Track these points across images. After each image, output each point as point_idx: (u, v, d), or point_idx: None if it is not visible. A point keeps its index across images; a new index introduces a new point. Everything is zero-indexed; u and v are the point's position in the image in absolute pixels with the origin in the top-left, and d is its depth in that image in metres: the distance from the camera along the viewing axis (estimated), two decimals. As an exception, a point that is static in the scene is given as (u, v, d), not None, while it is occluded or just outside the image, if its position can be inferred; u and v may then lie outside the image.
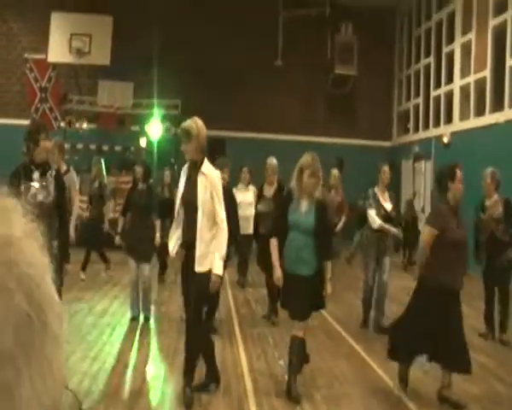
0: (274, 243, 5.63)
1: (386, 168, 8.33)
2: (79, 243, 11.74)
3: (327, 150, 16.75)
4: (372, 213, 8.24)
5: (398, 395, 5.77)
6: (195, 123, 5.46)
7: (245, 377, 6.17)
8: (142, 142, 17.39)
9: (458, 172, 5.59)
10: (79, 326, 7.88)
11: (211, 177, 5.34)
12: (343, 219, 10.39)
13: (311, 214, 5.51)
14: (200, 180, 5.29)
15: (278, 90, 18.89)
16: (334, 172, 10.91)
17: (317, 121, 19.24)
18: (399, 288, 9.76)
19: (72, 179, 8.93)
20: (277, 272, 5.51)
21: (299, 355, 5.54)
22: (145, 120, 17.27)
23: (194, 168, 5.38)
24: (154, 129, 17.28)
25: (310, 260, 5.45)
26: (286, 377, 5.68)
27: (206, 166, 5.40)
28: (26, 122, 16.18)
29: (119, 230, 8.70)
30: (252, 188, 10.68)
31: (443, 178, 5.64)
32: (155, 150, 17.01)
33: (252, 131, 18.70)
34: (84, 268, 11.07)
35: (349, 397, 5.69)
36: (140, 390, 5.69)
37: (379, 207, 8.25)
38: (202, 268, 5.22)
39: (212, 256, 5.22)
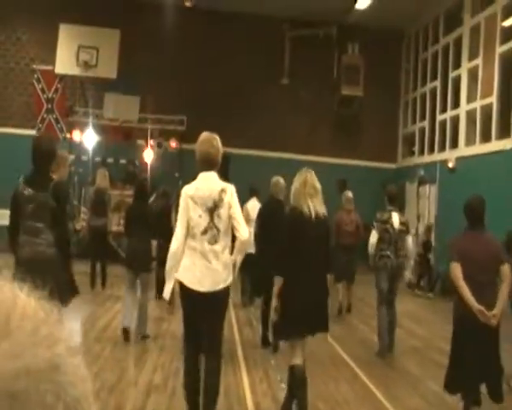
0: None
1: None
2: (83, 254, 11.80)
3: (331, 171, 16.81)
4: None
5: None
6: (217, 148, 5.21)
7: (247, 400, 6.13)
8: (147, 156, 17.41)
9: None
10: (83, 340, 7.83)
11: None
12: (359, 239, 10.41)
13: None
14: None
15: (284, 108, 18.93)
16: (348, 194, 10.92)
17: (322, 141, 19.26)
18: (403, 313, 9.74)
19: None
20: None
21: (305, 385, 5.36)
22: (151, 134, 17.30)
23: None
24: (159, 144, 17.31)
25: None
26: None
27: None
28: (31, 132, 16.30)
29: (124, 248, 8.79)
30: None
31: None
32: (160, 165, 17.04)
33: (256, 149, 18.71)
34: (103, 283, 11.17)
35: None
36: (143, 409, 5.64)
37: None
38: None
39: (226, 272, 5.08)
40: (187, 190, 5.12)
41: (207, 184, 5.11)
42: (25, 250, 5.23)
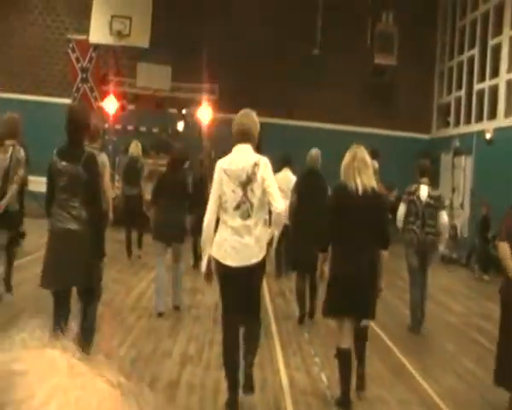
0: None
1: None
2: (118, 222, 11.94)
3: (363, 141, 16.58)
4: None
5: (435, 400, 5.71)
6: (254, 122, 5.14)
7: (281, 373, 6.16)
8: (180, 125, 17.43)
9: None
10: (118, 309, 7.94)
11: None
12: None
13: None
14: None
15: (316, 78, 18.70)
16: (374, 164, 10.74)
17: (354, 111, 19.02)
18: (438, 288, 9.66)
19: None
20: None
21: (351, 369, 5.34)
22: (183, 103, 17.30)
23: None
24: (192, 113, 17.32)
25: None
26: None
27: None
28: (67, 101, 16.44)
29: (152, 218, 8.63)
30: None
31: None
32: (192, 134, 17.05)
33: (288, 119, 18.59)
34: (140, 246, 11.35)
35: (384, 401, 5.65)
36: (178, 381, 5.71)
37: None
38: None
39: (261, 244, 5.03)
40: (221, 164, 5.05)
41: (241, 157, 5.01)
42: (57, 223, 5.19)
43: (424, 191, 8.05)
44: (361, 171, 5.22)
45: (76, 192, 5.11)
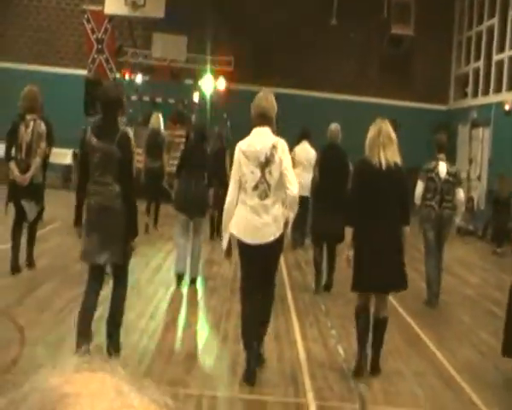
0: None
1: None
2: (140, 194, 12.04)
3: (380, 112, 16.47)
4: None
5: (451, 372, 5.74)
6: (272, 105, 5.24)
7: (298, 345, 6.21)
8: (195, 96, 17.38)
9: None
10: (137, 282, 8.00)
11: None
12: None
13: None
14: None
15: (332, 49, 18.52)
16: None
17: (370, 82, 18.85)
18: (454, 260, 9.65)
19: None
20: None
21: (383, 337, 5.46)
22: (198, 74, 17.24)
23: None
24: (207, 84, 17.26)
25: None
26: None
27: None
28: (83, 72, 16.46)
29: (174, 190, 8.74)
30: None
31: None
32: (208, 105, 17.02)
33: (304, 89, 18.45)
34: (156, 224, 11.52)
35: (402, 374, 5.68)
36: (195, 351, 5.80)
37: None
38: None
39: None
40: (240, 146, 5.20)
41: (260, 139, 5.15)
42: (92, 200, 5.28)
43: (443, 168, 8.10)
44: (386, 146, 5.29)
45: (110, 169, 5.20)
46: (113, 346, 5.39)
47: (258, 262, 5.14)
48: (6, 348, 5.42)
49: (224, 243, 5.31)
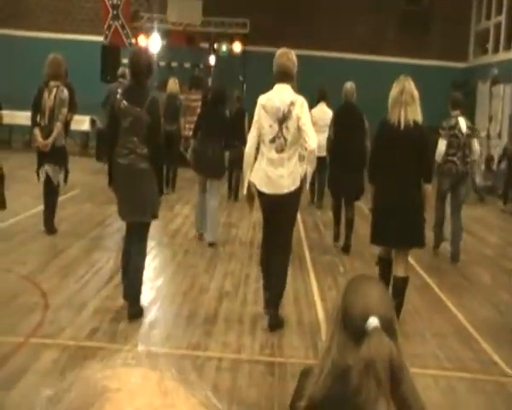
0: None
1: None
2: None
3: (398, 70, 16.21)
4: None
5: (471, 333, 5.74)
6: (292, 62, 5.46)
7: (317, 306, 6.24)
8: (211, 60, 17.25)
9: None
10: (154, 245, 8.06)
11: None
12: None
13: None
14: None
15: (349, 7, 18.18)
16: None
17: (388, 40, 18.53)
18: (473, 219, 9.57)
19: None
20: None
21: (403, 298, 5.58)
22: (214, 37, 17.08)
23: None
24: (222, 47, 17.12)
25: None
26: None
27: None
28: (99, 39, 16.38)
29: (190, 150, 8.89)
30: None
31: None
32: (224, 68, 16.88)
33: (321, 50, 18.20)
34: (167, 184, 11.47)
35: (421, 334, 5.69)
36: (215, 315, 5.84)
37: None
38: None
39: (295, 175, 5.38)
40: (261, 100, 5.46)
41: (279, 95, 5.38)
42: (120, 162, 5.48)
43: (463, 123, 8.16)
44: (408, 104, 5.38)
45: (138, 132, 5.41)
46: (135, 310, 5.53)
47: (274, 212, 5.42)
48: (30, 312, 5.52)
49: (245, 189, 5.60)
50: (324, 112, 10.34)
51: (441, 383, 4.71)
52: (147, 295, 6.05)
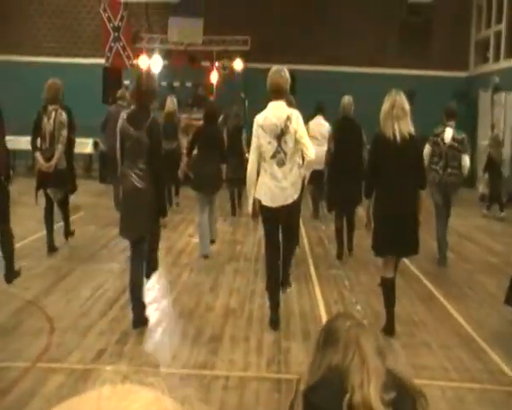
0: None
1: None
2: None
3: (399, 82, 16.23)
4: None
5: (479, 343, 5.71)
6: (285, 79, 5.70)
7: (323, 321, 6.20)
8: (213, 78, 17.34)
9: None
10: (161, 265, 8.05)
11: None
12: None
13: None
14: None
15: (348, 19, 18.25)
16: None
17: (389, 52, 18.58)
18: (476, 228, 9.53)
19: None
20: None
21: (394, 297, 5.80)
22: (216, 55, 17.19)
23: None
24: (224, 66, 17.22)
25: None
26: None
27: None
28: (101, 61, 16.51)
29: (185, 168, 9.13)
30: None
31: None
32: (225, 86, 16.97)
33: (321, 65, 18.27)
34: (170, 202, 11.60)
35: (429, 346, 5.65)
36: (221, 333, 5.82)
37: None
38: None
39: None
40: (257, 120, 5.72)
41: (275, 112, 5.64)
42: (124, 182, 5.72)
43: (449, 134, 8.32)
44: (399, 119, 5.48)
45: (139, 154, 5.60)
46: (138, 319, 5.78)
47: (280, 222, 5.80)
48: (37, 337, 5.52)
49: (250, 207, 5.87)
50: (321, 124, 10.52)
51: (449, 395, 4.67)
52: (152, 316, 6.06)
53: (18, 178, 14.38)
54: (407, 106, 5.51)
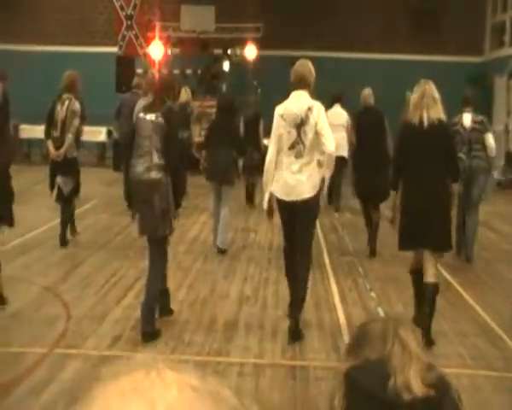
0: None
1: None
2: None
3: (411, 68, 16.12)
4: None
5: (496, 330, 5.67)
6: (309, 70, 5.61)
7: (337, 309, 6.21)
8: (225, 66, 17.29)
9: None
10: (174, 253, 8.05)
11: None
12: None
13: None
14: None
15: (358, 5, 18.11)
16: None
17: (400, 37, 18.40)
18: (494, 215, 9.46)
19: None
20: None
21: (434, 304, 5.42)
22: (228, 43, 17.12)
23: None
24: (236, 52, 17.16)
25: None
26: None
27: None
28: (114, 50, 16.52)
29: (203, 161, 8.93)
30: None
31: None
32: (238, 74, 16.91)
33: (334, 51, 18.15)
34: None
35: (446, 335, 5.61)
36: (236, 320, 5.84)
37: None
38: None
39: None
40: (278, 110, 5.56)
41: (296, 102, 5.51)
42: (136, 171, 5.52)
43: (467, 119, 8.12)
44: (430, 107, 5.34)
45: (155, 143, 5.45)
46: (146, 329, 5.38)
47: (294, 218, 5.46)
48: (53, 323, 5.57)
49: (265, 203, 5.64)
50: (339, 113, 10.51)
51: (465, 382, 4.64)
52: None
53: (33, 166, 14.54)
54: (437, 95, 5.37)
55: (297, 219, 5.45)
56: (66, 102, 8.05)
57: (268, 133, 6.04)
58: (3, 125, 6.42)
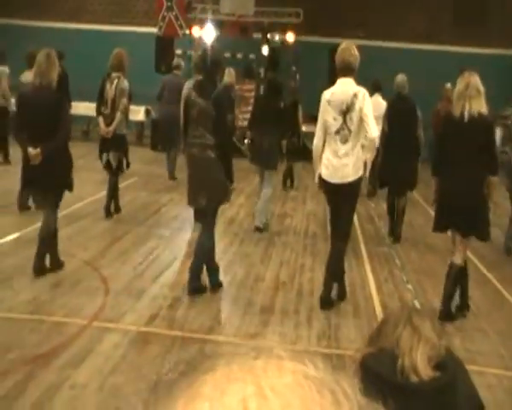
0: None
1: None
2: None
3: (454, 60, 15.85)
4: None
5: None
6: (354, 56, 5.64)
7: (374, 299, 6.18)
8: (264, 50, 17.22)
9: None
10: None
11: None
12: None
13: None
14: None
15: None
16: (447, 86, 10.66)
17: (443, 28, 18.10)
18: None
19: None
20: None
21: (455, 285, 5.68)
22: (267, 27, 17.04)
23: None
24: (276, 37, 17.07)
25: None
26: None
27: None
28: (154, 30, 16.58)
29: (246, 142, 9.03)
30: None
31: None
32: (277, 58, 16.81)
33: (374, 40, 17.93)
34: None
35: (484, 332, 5.55)
36: (272, 305, 5.85)
37: None
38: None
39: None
40: (325, 95, 5.72)
41: (342, 89, 5.61)
42: (190, 151, 5.88)
43: None
44: (472, 98, 5.37)
45: (204, 123, 5.72)
46: (191, 286, 5.93)
47: (337, 200, 5.75)
48: (93, 296, 5.67)
49: (316, 179, 5.89)
50: (379, 103, 10.32)
51: (506, 384, 4.56)
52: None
53: (75, 142, 14.67)
54: (481, 87, 5.39)
55: (339, 202, 5.73)
56: (115, 81, 8.24)
57: (306, 119, 6.14)
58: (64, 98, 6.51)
